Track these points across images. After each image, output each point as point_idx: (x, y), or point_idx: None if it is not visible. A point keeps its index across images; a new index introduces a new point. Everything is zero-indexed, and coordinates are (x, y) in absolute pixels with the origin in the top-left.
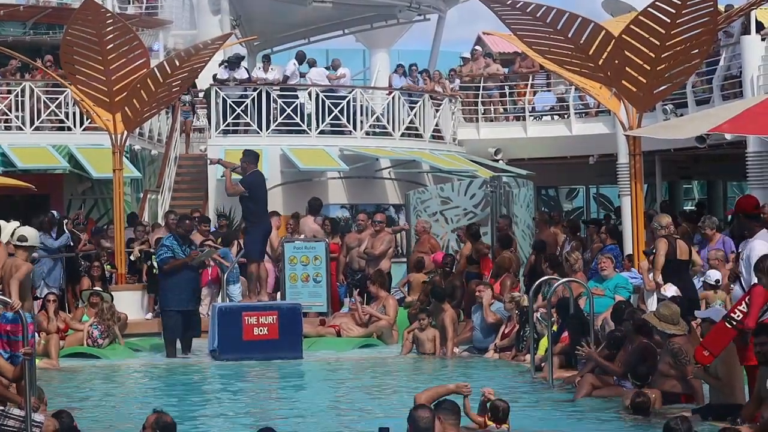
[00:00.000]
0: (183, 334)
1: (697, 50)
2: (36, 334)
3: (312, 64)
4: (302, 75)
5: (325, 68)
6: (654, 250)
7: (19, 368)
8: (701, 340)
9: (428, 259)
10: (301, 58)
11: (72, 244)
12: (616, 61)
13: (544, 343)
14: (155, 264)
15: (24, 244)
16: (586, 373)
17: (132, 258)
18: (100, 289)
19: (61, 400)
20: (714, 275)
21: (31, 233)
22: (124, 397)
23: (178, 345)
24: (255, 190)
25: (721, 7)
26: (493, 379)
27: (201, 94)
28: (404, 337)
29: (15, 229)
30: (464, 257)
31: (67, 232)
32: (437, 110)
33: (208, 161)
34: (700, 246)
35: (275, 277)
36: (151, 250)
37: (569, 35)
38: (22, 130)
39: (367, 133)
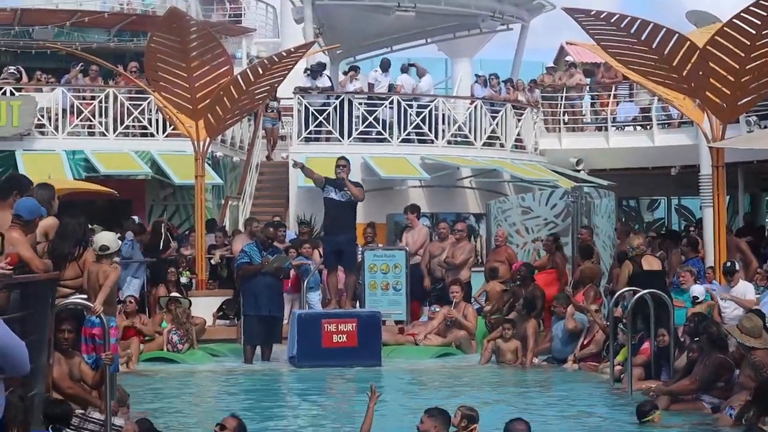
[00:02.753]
0: (263, 340)
1: None
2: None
3: (404, 69)
4: (390, 86)
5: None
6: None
7: (100, 373)
8: None
9: (503, 268)
10: (385, 66)
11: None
12: (700, 72)
13: (623, 353)
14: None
15: (107, 252)
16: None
17: (213, 263)
18: (178, 294)
19: (138, 404)
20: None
21: (110, 240)
22: (201, 402)
23: (258, 351)
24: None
25: None
26: (572, 390)
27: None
28: (483, 346)
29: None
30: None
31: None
32: (519, 120)
33: (291, 163)
34: None
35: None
36: (231, 255)
37: (653, 46)
38: (105, 136)
39: (449, 142)
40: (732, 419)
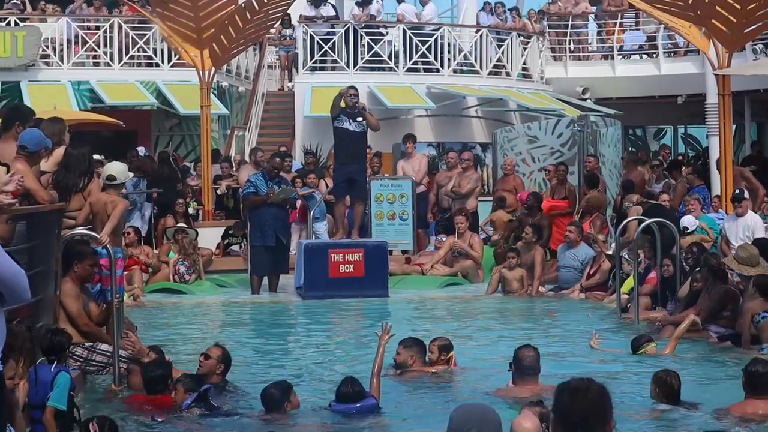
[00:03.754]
0: (270, 270)
1: None
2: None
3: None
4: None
5: None
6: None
7: (107, 309)
8: None
9: (511, 197)
10: None
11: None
12: (706, 0)
13: (629, 283)
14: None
15: (114, 182)
16: (668, 318)
17: (219, 193)
18: (185, 225)
19: (146, 335)
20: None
21: (119, 169)
22: (208, 332)
23: (265, 281)
24: None
25: None
26: (578, 319)
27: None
28: (492, 276)
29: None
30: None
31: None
32: (525, 48)
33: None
34: None
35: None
36: (237, 186)
37: None
38: (110, 66)
39: (455, 71)
40: None
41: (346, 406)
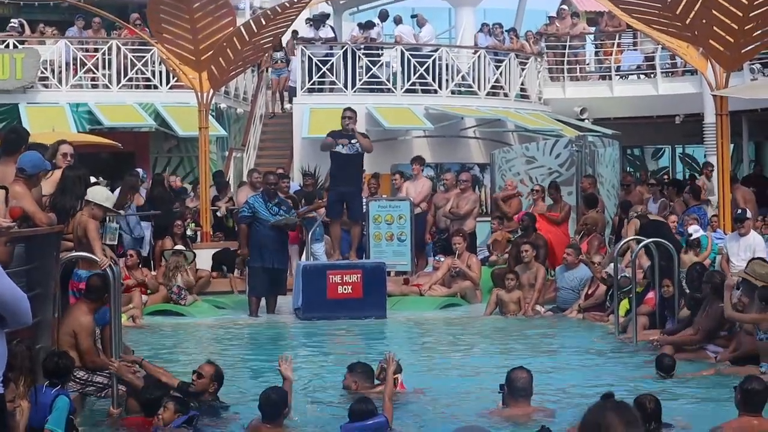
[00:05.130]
0: (268, 292)
1: None
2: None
3: (398, 21)
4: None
5: (412, 16)
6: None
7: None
8: None
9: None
10: (383, 16)
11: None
12: (704, 21)
13: (625, 303)
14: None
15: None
16: (666, 338)
17: (219, 215)
18: (182, 247)
19: (144, 354)
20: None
21: (100, 197)
22: (204, 354)
23: (263, 303)
24: None
25: None
26: (576, 339)
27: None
28: (490, 297)
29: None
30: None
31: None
32: (523, 69)
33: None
34: None
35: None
36: (234, 207)
37: None
38: (108, 88)
39: (453, 92)
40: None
41: (358, 423)
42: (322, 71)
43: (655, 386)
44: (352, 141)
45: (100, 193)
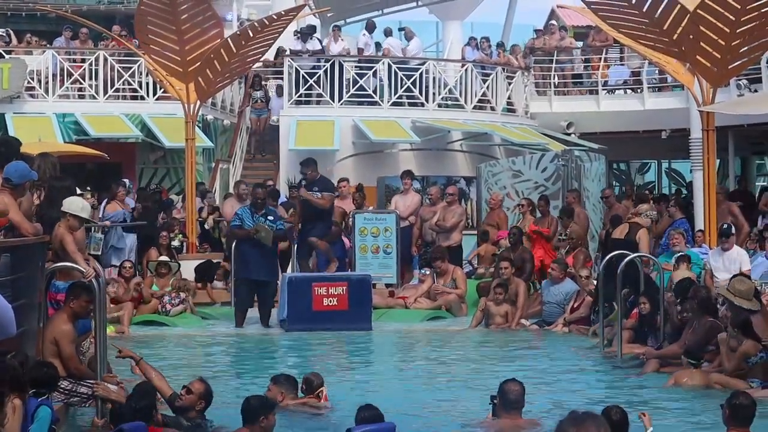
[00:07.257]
0: (259, 305)
1: None
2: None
3: (388, 33)
4: (377, 44)
5: (399, 29)
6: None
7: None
8: None
9: (494, 232)
10: (371, 28)
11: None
12: (691, 36)
13: (612, 318)
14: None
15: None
16: (652, 352)
17: (206, 227)
18: (167, 258)
19: (128, 369)
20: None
21: (76, 207)
22: (189, 366)
23: (256, 314)
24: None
25: None
26: (562, 352)
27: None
28: (478, 308)
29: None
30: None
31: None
32: (510, 83)
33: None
34: None
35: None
36: (220, 219)
37: (644, 9)
38: (95, 98)
39: (440, 105)
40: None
41: (366, 426)
42: (309, 83)
43: (643, 398)
44: (314, 189)
45: (75, 203)
